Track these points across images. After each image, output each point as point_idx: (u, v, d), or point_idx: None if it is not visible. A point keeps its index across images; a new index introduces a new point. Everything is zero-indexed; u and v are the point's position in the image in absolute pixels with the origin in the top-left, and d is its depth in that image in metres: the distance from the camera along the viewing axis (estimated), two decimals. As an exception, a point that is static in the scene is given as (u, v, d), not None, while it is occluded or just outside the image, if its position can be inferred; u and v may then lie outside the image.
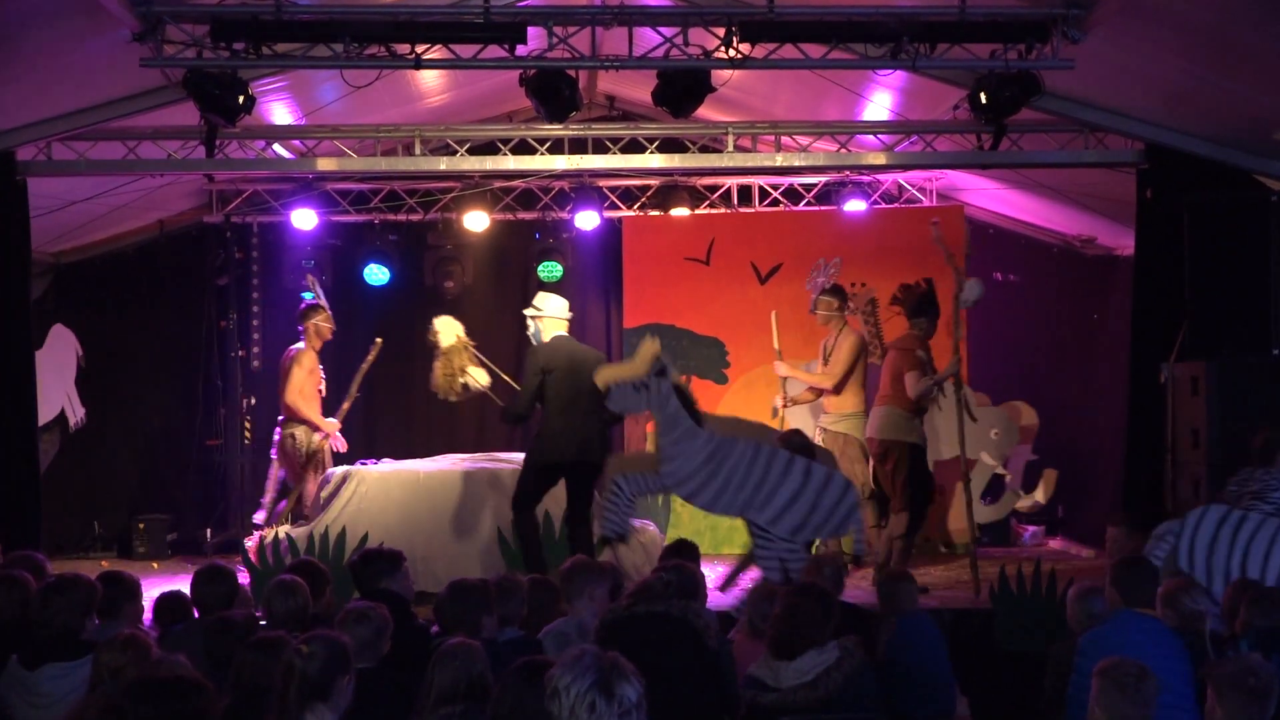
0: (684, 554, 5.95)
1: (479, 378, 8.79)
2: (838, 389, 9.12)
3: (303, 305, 9.57)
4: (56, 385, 10.14)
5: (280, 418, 9.34)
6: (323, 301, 9.57)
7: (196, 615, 5.40)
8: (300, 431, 9.22)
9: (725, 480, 6.89)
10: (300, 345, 9.34)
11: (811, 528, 6.92)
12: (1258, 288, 7.81)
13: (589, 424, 7.68)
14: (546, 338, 7.93)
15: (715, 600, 6.96)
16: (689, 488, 6.95)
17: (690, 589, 5.08)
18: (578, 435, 7.68)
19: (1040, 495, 9.88)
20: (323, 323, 9.42)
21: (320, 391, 9.40)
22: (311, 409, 9.24)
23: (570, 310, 8.12)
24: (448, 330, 8.79)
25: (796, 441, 7.52)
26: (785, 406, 9.31)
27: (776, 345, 9.22)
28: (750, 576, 9.03)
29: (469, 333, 11.58)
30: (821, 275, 9.51)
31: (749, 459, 6.92)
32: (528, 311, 8.07)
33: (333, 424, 9.32)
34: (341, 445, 9.42)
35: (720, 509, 7.06)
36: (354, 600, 4.95)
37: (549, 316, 7.99)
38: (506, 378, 8.84)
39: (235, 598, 5.42)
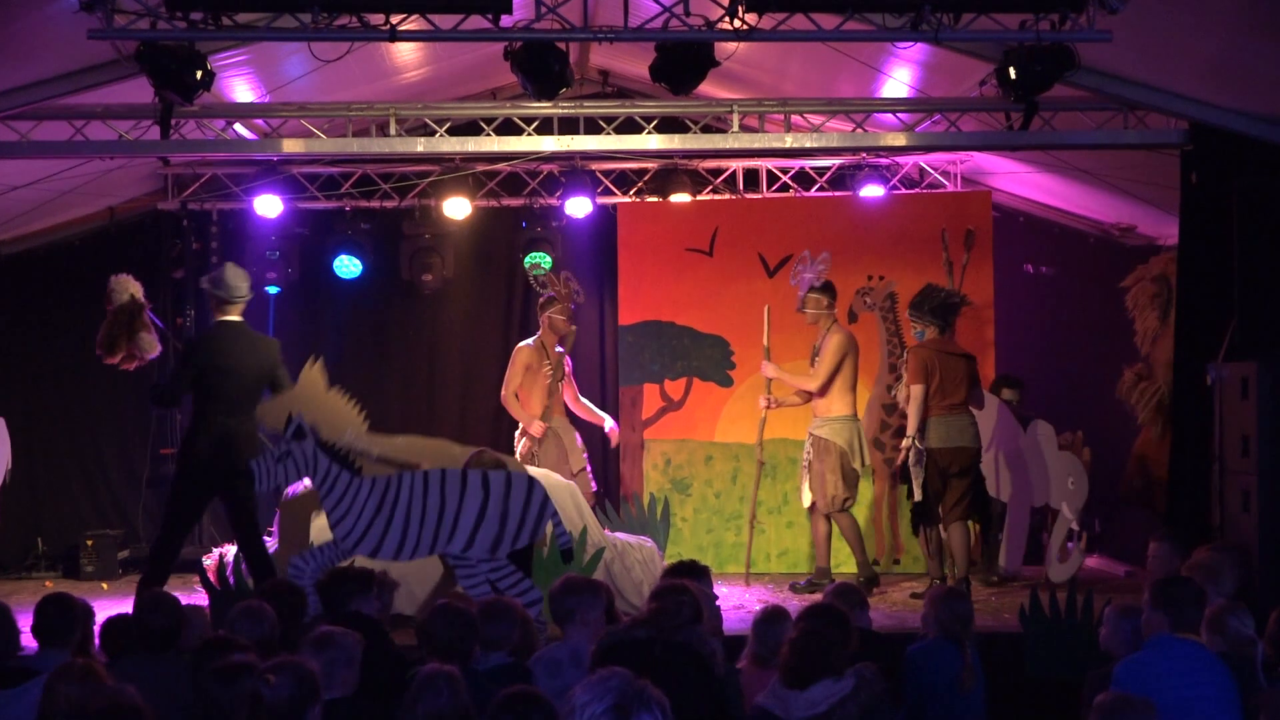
0: (692, 575, 5.95)
1: (147, 346, 8.87)
2: (821, 391, 9.32)
3: (541, 297, 9.85)
4: None
5: None
6: (567, 290, 9.75)
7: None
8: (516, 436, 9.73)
9: (404, 523, 7.09)
10: (528, 341, 9.75)
11: (509, 538, 7.12)
12: (1313, 280, 7.84)
13: (249, 425, 7.90)
14: (220, 319, 8.02)
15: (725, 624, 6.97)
16: (370, 543, 7.11)
17: (692, 613, 5.08)
18: (239, 438, 7.82)
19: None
20: (556, 315, 9.70)
21: (551, 385, 9.62)
22: (519, 409, 9.61)
23: (249, 289, 8.13)
24: (122, 288, 8.82)
25: (488, 459, 7.77)
26: (769, 408, 9.52)
27: (766, 343, 9.46)
28: (758, 599, 9.10)
29: (452, 329, 11.73)
30: (809, 270, 9.55)
31: (421, 491, 7.12)
32: (204, 283, 8.14)
33: (538, 425, 9.55)
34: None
35: (410, 554, 7.18)
36: (320, 625, 4.96)
37: (215, 294, 8.04)
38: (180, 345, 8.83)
39: (181, 628, 5.41)
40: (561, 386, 9.81)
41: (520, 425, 9.78)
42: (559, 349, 9.82)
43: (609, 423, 10.07)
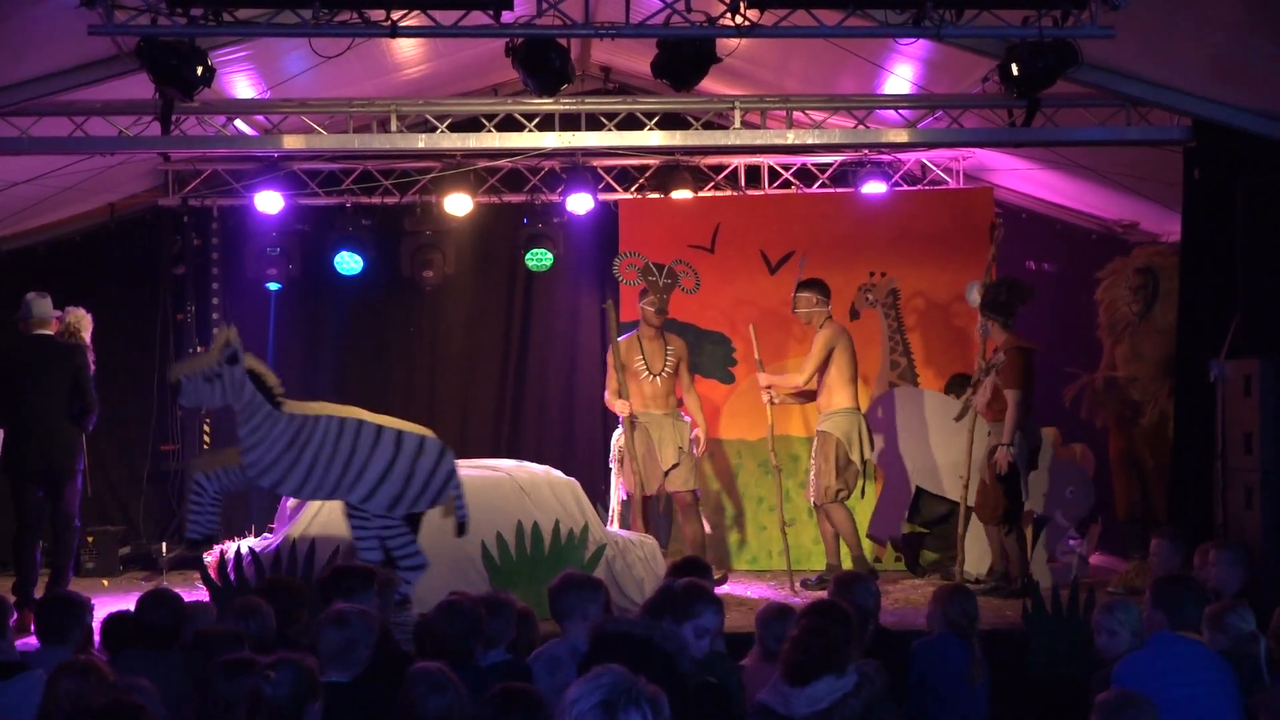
0: (695, 572, 5.95)
1: None
2: (818, 386, 9.35)
3: (642, 285, 9.73)
4: None
5: None
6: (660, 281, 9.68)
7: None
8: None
9: (311, 462, 7.24)
10: (623, 336, 9.65)
11: (409, 499, 7.27)
12: (1317, 277, 7.83)
13: (62, 425, 8.60)
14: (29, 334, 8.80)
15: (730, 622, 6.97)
16: (274, 475, 7.28)
17: (685, 607, 5.04)
18: (53, 438, 8.59)
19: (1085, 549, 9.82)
20: (645, 306, 9.63)
21: (645, 377, 9.52)
22: (614, 402, 9.57)
23: (51, 307, 8.88)
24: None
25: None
26: (772, 403, 9.53)
27: (757, 356, 9.53)
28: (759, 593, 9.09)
29: (453, 326, 11.73)
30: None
31: (334, 436, 7.28)
32: (18, 317, 8.91)
33: (620, 404, 9.49)
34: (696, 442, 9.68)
35: (310, 494, 7.39)
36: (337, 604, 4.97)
37: (27, 323, 8.81)
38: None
39: (183, 624, 5.43)
40: (667, 382, 9.58)
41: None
42: (664, 342, 9.65)
43: (699, 430, 9.72)
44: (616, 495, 9.59)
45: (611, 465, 9.63)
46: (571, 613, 5.31)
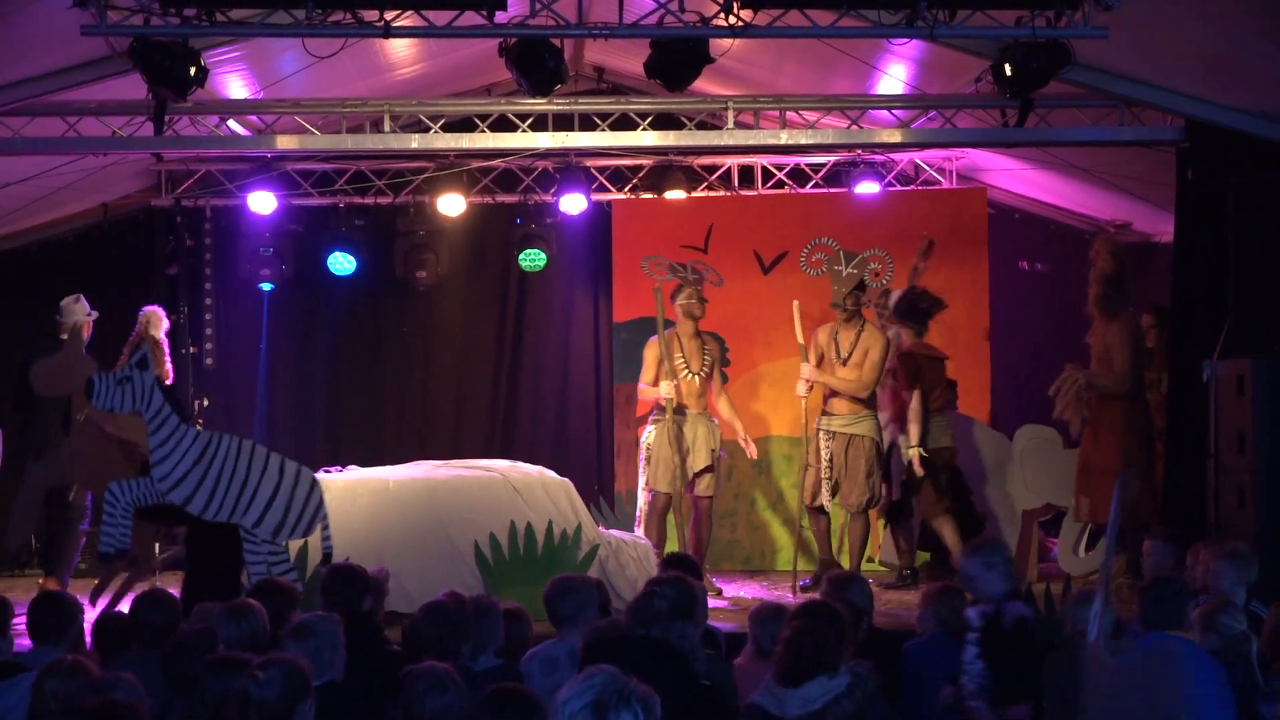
0: (683, 568, 5.95)
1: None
2: (871, 397, 9.27)
3: (676, 284, 9.56)
4: None
5: None
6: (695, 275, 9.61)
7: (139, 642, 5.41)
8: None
9: (216, 480, 7.26)
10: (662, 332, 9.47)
11: (289, 527, 7.33)
12: (1309, 278, 7.85)
13: (55, 431, 9.03)
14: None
15: (724, 620, 6.98)
16: (184, 490, 7.24)
17: (687, 605, 5.07)
18: (46, 442, 9.07)
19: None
20: (687, 300, 9.42)
21: (684, 376, 9.33)
22: (649, 391, 9.40)
23: (90, 311, 9.24)
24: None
25: None
26: (809, 393, 9.35)
27: (801, 339, 9.29)
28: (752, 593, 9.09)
29: (447, 326, 11.72)
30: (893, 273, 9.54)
31: (234, 457, 7.32)
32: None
33: (666, 387, 9.22)
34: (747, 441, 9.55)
35: (213, 513, 7.33)
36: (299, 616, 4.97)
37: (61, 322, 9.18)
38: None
39: (179, 625, 5.42)
40: (704, 382, 9.39)
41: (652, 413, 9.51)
42: (701, 340, 9.46)
43: (740, 428, 9.53)
44: (644, 496, 9.39)
45: (642, 461, 9.41)
46: (575, 618, 5.30)
